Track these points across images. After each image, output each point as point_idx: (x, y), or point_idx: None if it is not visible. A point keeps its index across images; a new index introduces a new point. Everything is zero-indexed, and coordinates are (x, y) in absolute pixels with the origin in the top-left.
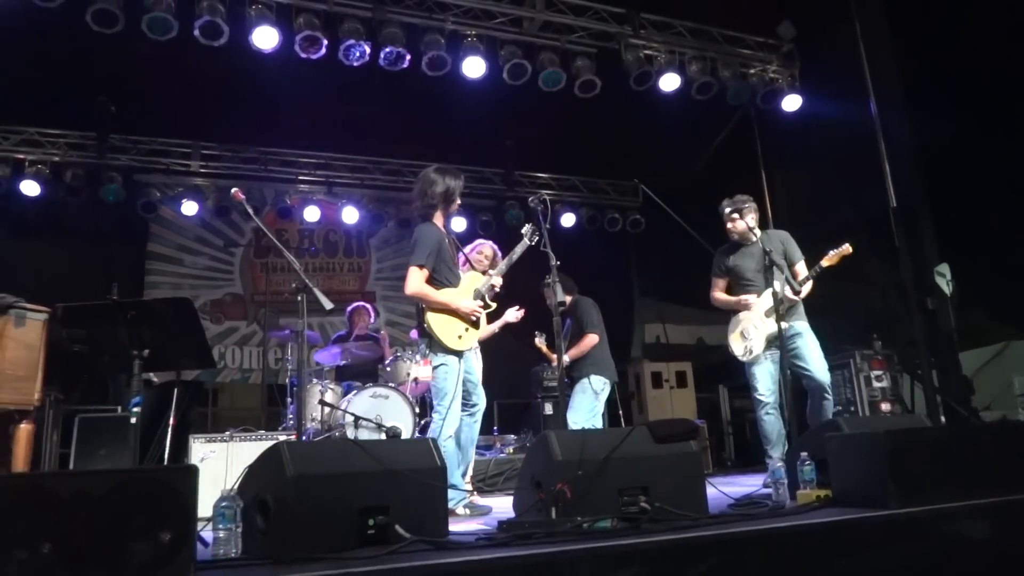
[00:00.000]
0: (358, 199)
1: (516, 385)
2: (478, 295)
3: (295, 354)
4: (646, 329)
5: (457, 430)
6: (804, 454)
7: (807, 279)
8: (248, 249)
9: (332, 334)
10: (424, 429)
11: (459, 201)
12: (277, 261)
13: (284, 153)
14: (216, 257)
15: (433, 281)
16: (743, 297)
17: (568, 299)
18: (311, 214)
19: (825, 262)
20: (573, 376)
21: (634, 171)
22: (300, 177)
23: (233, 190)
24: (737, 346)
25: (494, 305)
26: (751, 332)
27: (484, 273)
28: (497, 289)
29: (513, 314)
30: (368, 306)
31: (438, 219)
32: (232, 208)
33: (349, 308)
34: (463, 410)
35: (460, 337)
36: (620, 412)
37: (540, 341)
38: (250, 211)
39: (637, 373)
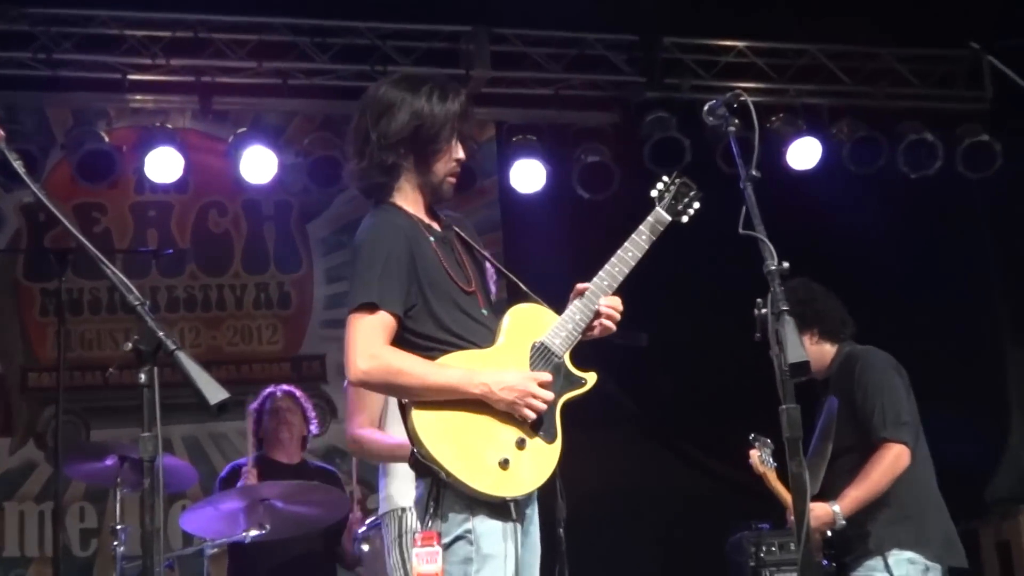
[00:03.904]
0: (276, 126)
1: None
2: (543, 355)
3: (138, 514)
4: None
5: None
6: None
7: None
8: (12, 259)
9: (223, 464)
10: None
11: (461, 154)
12: (83, 285)
13: (93, 16)
14: None
15: (411, 342)
16: None
17: (827, 352)
18: (162, 164)
19: None
20: (850, 551)
21: (966, 26)
22: (131, 77)
23: None
24: None
25: (589, 379)
26: None
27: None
28: (609, 323)
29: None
30: (294, 390)
31: (408, 198)
32: None
33: (256, 403)
34: None
35: (504, 464)
36: None
37: (762, 458)
38: (15, 164)
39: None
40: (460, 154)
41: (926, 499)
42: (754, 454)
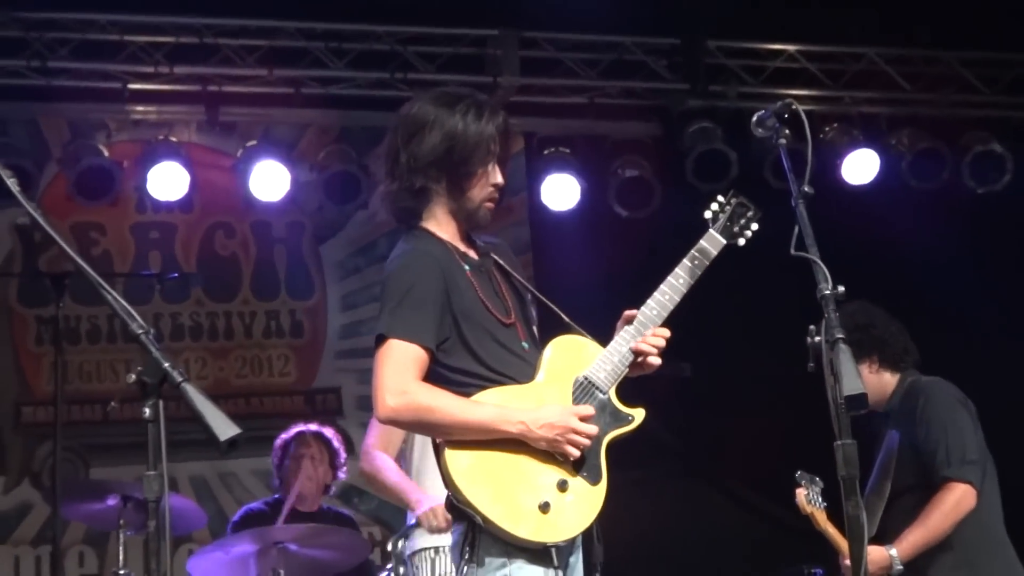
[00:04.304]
0: (288, 139)
1: None
2: (587, 390)
3: (142, 559)
4: None
5: None
6: None
7: None
8: (4, 283)
9: (232, 505)
10: None
11: (499, 178)
12: (81, 312)
13: (91, 21)
14: None
15: (444, 377)
16: None
17: (887, 383)
18: (165, 180)
19: None
20: None
21: None
22: (132, 86)
23: None
24: None
25: (637, 416)
26: None
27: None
28: (651, 359)
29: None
30: (326, 432)
31: (441, 223)
32: None
33: (282, 440)
34: None
35: (544, 508)
36: None
37: (809, 497)
38: (8, 181)
39: None
40: (498, 178)
41: (992, 543)
42: (800, 493)
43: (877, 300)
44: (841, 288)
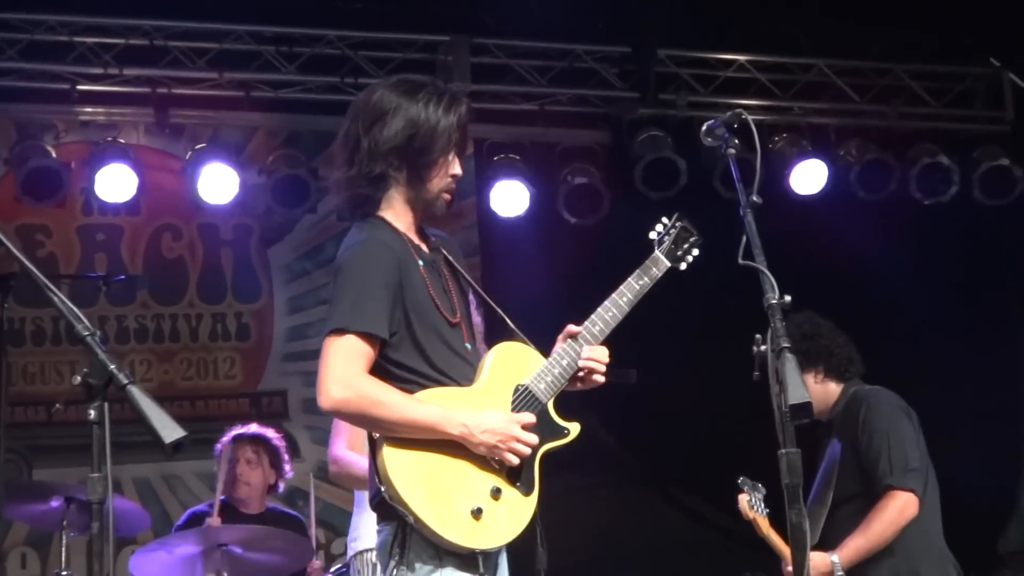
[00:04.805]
0: (237, 142)
1: None
2: (526, 399)
3: (85, 561)
4: None
5: None
6: None
7: None
8: None
9: (176, 507)
10: None
11: (458, 169)
12: (25, 314)
13: (40, 21)
14: None
15: (388, 371)
16: None
17: (831, 392)
18: (113, 182)
19: None
20: None
21: (986, 42)
22: (81, 87)
23: None
24: None
25: (572, 429)
26: None
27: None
28: (596, 375)
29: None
30: (269, 435)
31: (397, 213)
32: None
33: (220, 444)
34: None
35: (476, 514)
36: None
37: (751, 503)
38: None
39: None
40: (457, 169)
41: (933, 551)
42: (743, 499)
43: (824, 310)
44: (788, 297)
